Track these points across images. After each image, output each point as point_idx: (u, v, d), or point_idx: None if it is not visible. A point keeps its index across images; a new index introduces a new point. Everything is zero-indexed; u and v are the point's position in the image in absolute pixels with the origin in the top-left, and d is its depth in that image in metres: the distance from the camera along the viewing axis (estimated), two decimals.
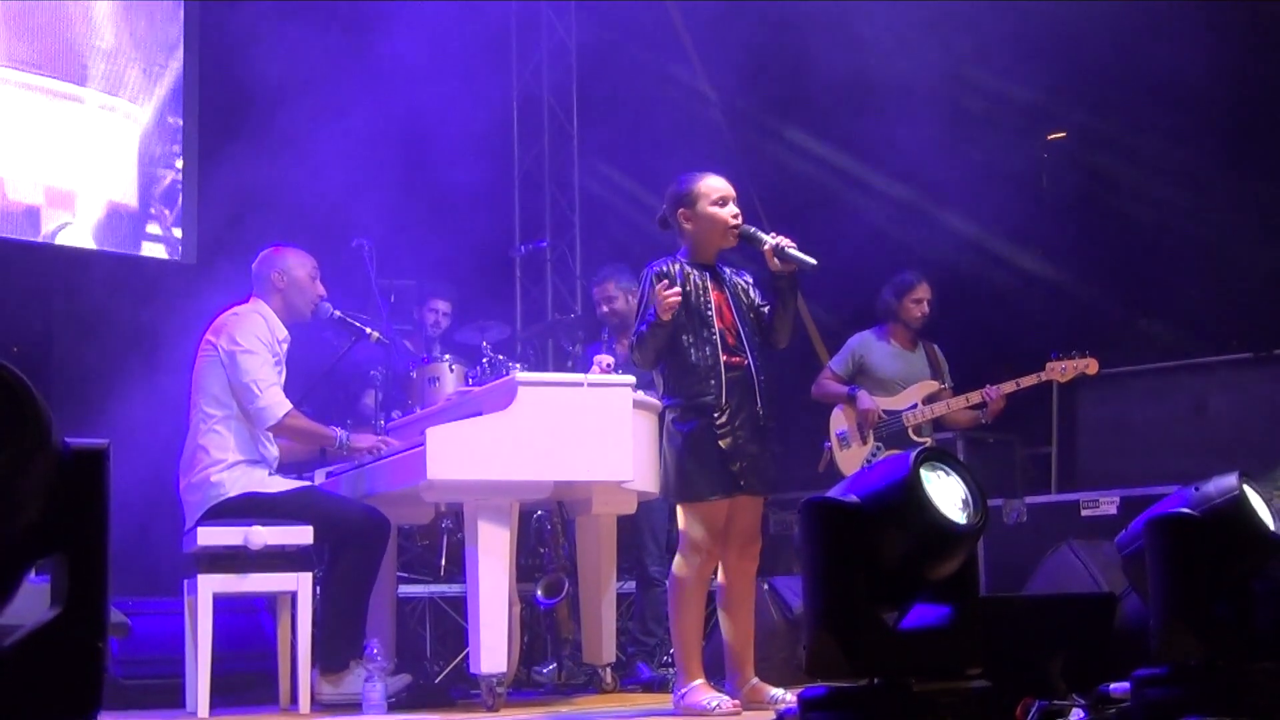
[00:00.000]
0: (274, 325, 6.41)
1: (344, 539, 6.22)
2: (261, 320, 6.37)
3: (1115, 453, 8.47)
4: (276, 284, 6.48)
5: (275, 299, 6.48)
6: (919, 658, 3.14)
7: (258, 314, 6.39)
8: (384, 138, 9.04)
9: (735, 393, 5.42)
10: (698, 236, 5.58)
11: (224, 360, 6.25)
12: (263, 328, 6.34)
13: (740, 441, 5.40)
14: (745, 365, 5.48)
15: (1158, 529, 3.61)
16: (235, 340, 6.26)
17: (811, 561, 3.11)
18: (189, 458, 6.29)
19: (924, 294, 7.86)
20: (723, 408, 5.39)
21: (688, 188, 5.59)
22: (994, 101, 9.52)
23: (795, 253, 5.40)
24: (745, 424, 5.43)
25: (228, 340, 6.26)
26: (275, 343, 6.37)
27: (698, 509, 5.42)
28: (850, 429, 7.83)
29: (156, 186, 9.06)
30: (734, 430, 5.39)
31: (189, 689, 6.19)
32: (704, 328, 5.46)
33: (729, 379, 5.42)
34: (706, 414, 5.39)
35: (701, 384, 5.42)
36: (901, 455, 3.18)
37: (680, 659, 5.46)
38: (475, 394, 6.42)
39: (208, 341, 6.33)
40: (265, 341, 6.31)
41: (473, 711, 5.87)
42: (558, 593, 7.37)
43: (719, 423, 5.38)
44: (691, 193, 5.58)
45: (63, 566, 2.16)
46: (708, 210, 5.55)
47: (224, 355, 6.25)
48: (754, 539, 5.58)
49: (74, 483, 2.15)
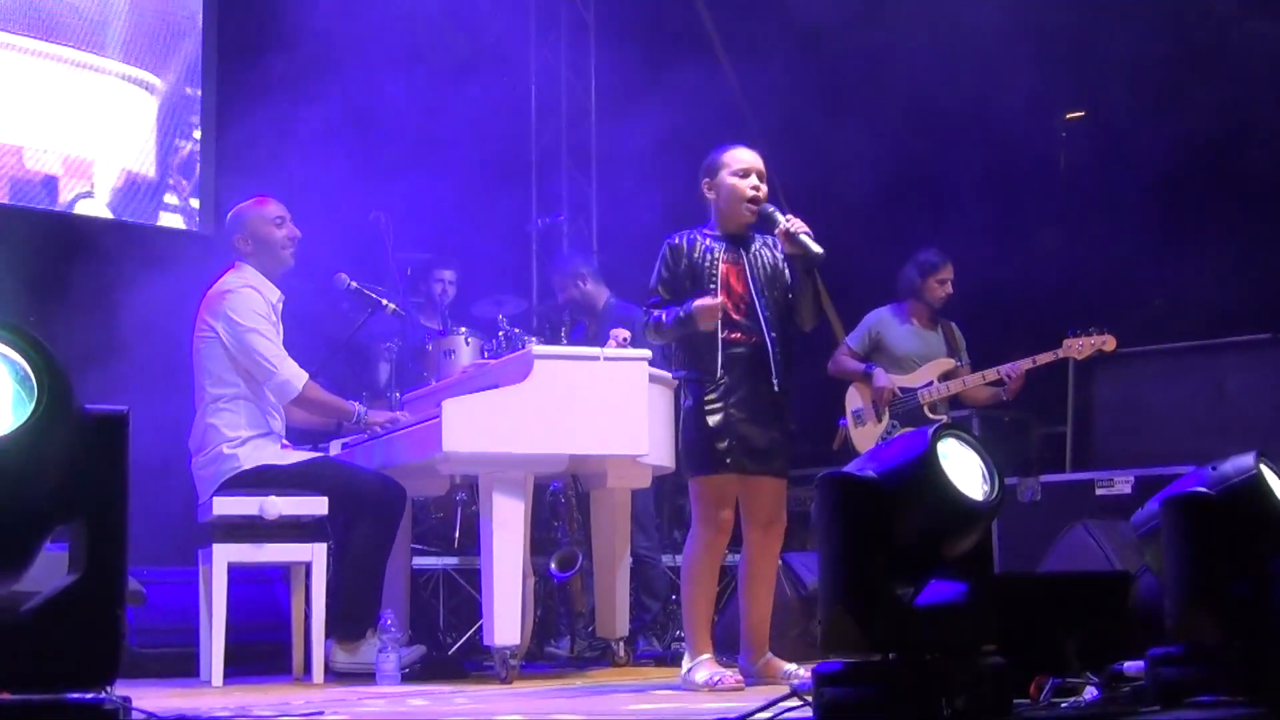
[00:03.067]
0: (266, 290, 6.38)
1: (359, 509, 6.24)
2: (254, 292, 6.34)
3: (1131, 432, 8.45)
4: (245, 247, 6.46)
5: (253, 259, 6.45)
6: (934, 634, 3.14)
7: (248, 286, 6.35)
8: (403, 111, 9.03)
9: (735, 368, 5.38)
10: (719, 206, 5.56)
11: (228, 343, 6.24)
12: (257, 299, 6.32)
13: (732, 419, 5.34)
14: (753, 341, 5.42)
15: (1174, 508, 3.61)
16: (237, 321, 6.24)
17: (828, 536, 3.11)
18: (199, 436, 6.31)
19: (948, 274, 7.87)
20: (716, 383, 5.35)
21: (714, 157, 5.59)
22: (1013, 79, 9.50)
23: (803, 239, 5.38)
24: (744, 401, 5.37)
25: (227, 323, 6.24)
26: (271, 309, 6.36)
27: (697, 483, 5.44)
28: (865, 406, 7.83)
29: (174, 157, 9.06)
30: (725, 407, 5.34)
31: (203, 658, 6.22)
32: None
33: (727, 355, 5.38)
34: (703, 389, 5.38)
35: (699, 358, 5.41)
36: (919, 431, 3.17)
37: (689, 633, 5.47)
38: (491, 367, 6.42)
39: (204, 323, 6.31)
40: (263, 313, 6.30)
41: (486, 683, 5.88)
42: (572, 566, 7.38)
43: (708, 398, 5.35)
44: (716, 162, 5.57)
45: (82, 532, 2.17)
46: (728, 180, 5.52)
47: (227, 338, 6.24)
48: (776, 518, 5.55)
49: (94, 448, 2.15)
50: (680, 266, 5.47)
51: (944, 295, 7.86)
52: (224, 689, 5.78)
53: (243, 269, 6.45)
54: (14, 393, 2.05)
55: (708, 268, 5.45)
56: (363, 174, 8.79)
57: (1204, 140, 8.74)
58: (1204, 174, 8.85)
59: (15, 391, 2.05)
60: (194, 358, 6.35)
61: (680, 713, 4.10)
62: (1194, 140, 8.75)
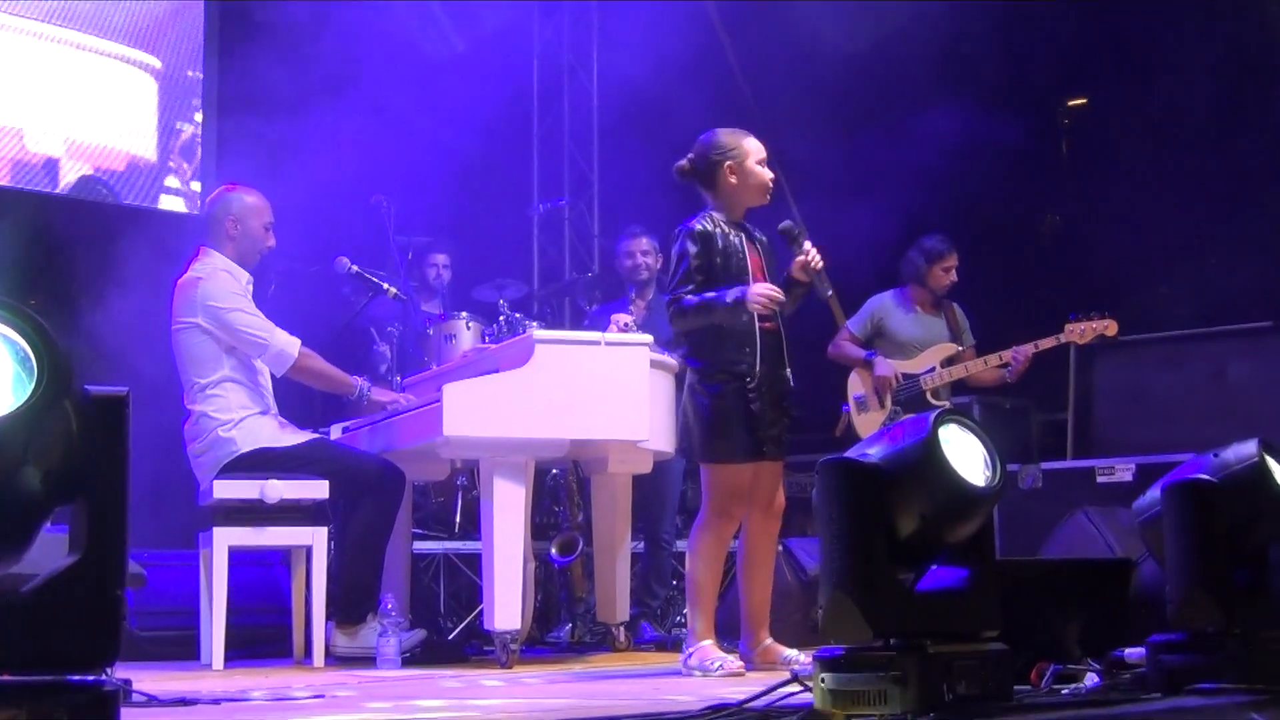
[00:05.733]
0: (236, 273, 6.36)
1: (360, 491, 6.24)
2: (227, 276, 6.31)
3: (1132, 420, 8.44)
4: (230, 231, 6.42)
5: (228, 246, 6.41)
6: (935, 620, 3.14)
7: (220, 271, 6.32)
8: (404, 94, 9.02)
9: (768, 356, 5.41)
10: (736, 192, 5.52)
11: (210, 330, 6.20)
12: (230, 282, 6.30)
13: (767, 407, 5.38)
14: (778, 329, 5.47)
15: (1176, 495, 3.60)
16: (216, 306, 6.21)
17: (829, 521, 3.10)
18: (192, 425, 6.30)
19: (954, 262, 7.85)
20: (757, 374, 5.37)
21: (734, 141, 5.53)
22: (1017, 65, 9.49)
23: (819, 276, 5.42)
24: (772, 389, 5.42)
25: (205, 311, 6.21)
26: (245, 289, 6.34)
27: (723, 471, 5.40)
28: (868, 393, 7.82)
29: (175, 140, 9.05)
30: (762, 395, 5.37)
31: (204, 641, 6.23)
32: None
33: (764, 343, 5.39)
34: (739, 379, 5.36)
35: (738, 349, 5.38)
36: (921, 416, 3.17)
37: (692, 617, 5.47)
38: (492, 351, 6.42)
39: (178, 316, 6.27)
40: (239, 293, 6.29)
41: (486, 668, 5.89)
42: (572, 551, 7.38)
43: (750, 388, 5.35)
44: (740, 147, 5.52)
45: (82, 513, 2.16)
46: (754, 167, 5.51)
47: (210, 324, 6.21)
48: (776, 500, 5.58)
49: (95, 429, 2.15)
50: (714, 254, 5.42)
51: (948, 283, 7.84)
52: (224, 672, 5.78)
53: (210, 255, 6.38)
54: (14, 373, 2.05)
55: (740, 259, 5.45)
56: (364, 157, 8.78)
57: (1207, 127, 8.74)
58: (1206, 161, 8.84)
59: (15, 372, 2.05)
60: (174, 351, 6.31)
61: (678, 698, 4.10)
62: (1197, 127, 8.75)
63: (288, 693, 4.61)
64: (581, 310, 9.29)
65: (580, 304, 9.56)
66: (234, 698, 4.43)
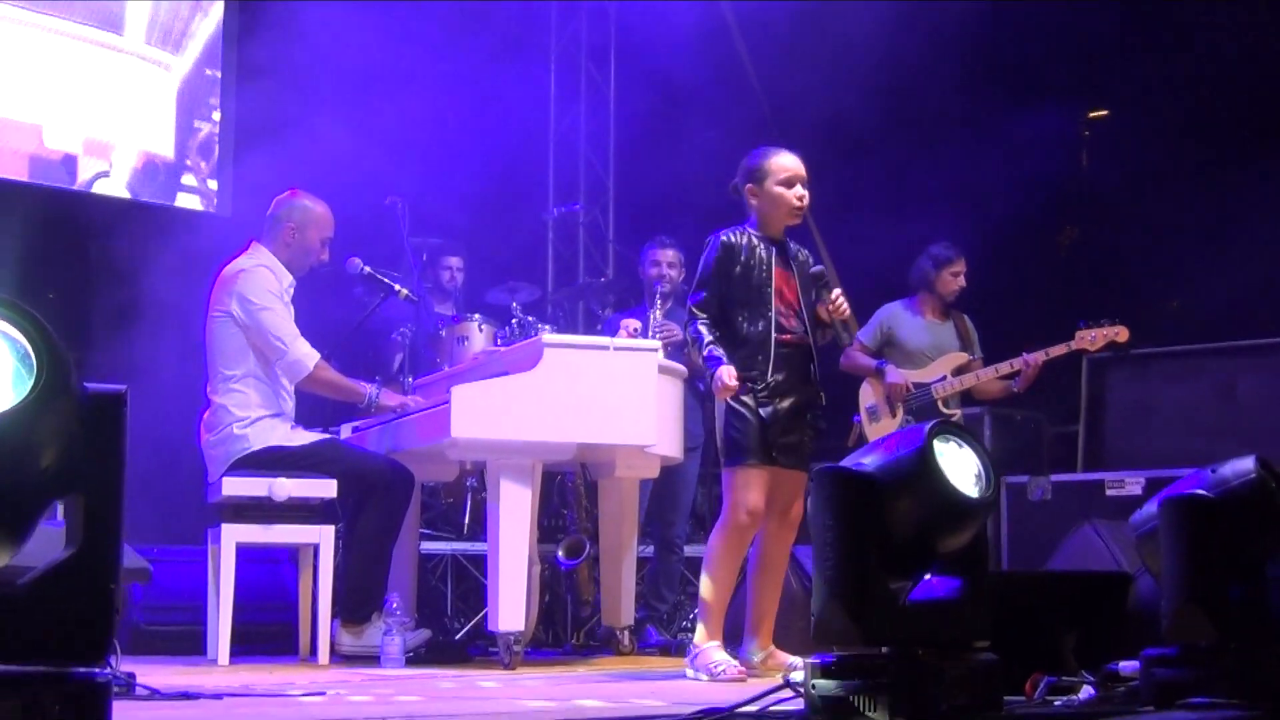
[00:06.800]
0: (280, 273, 6.42)
1: (368, 492, 6.28)
2: (269, 273, 6.38)
3: (1142, 434, 8.45)
4: (287, 238, 6.49)
5: (281, 249, 6.48)
6: (927, 629, 3.16)
7: (263, 267, 6.39)
8: (422, 97, 9.05)
9: (785, 368, 5.50)
10: (762, 212, 5.66)
11: (241, 321, 6.27)
12: (271, 280, 6.36)
13: (781, 415, 5.46)
14: (804, 343, 5.57)
15: (1172, 509, 3.61)
16: (250, 300, 6.27)
17: (823, 529, 3.13)
18: (211, 416, 6.34)
19: (961, 267, 7.86)
20: (768, 381, 5.46)
21: (758, 163, 5.67)
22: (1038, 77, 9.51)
23: (841, 325, 5.54)
24: (792, 399, 5.50)
25: (240, 301, 6.28)
26: (284, 291, 6.40)
27: (736, 474, 5.49)
28: (879, 403, 7.83)
29: (193, 138, 9.11)
30: (775, 403, 5.46)
31: (210, 637, 6.26)
32: (761, 303, 5.54)
33: (779, 354, 5.50)
34: (751, 384, 5.46)
35: (750, 357, 5.50)
36: (915, 427, 3.19)
37: (702, 618, 5.53)
38: (501, 354, 6.44)
39: (217, 303, 6.34)
40: (276, 293, 6.34)
41: (489, 668, 5.91)
42: (579, 554, 7.41)
43: (760, 394, 5.45)
44: (760, 168, 5.65)
45: (78, 507, 2.20)
46: (773, 190, 5.61)
47: (241, 316, 6.27)
48: (793, 509, 5.64)
49: (92, 426, 2.18)
50: (734, 267, 5.56)
51: (956, 288, 7.85)
52: (230, 668, 5.82)
53: (258, 250, 6.48)
54: (14, 370, 2.09)
55: (763, 274, 5.55)
56: (380, 158, 8.82)
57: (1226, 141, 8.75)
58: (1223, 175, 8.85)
59: (15, 369, 2.09)
60: (206, 338, 6.38)
61: (672, 701, 4.12)
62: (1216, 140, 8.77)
63: (290, 689, 4.65)
64: (596, 315, 9.33)
65: (594, 309, 9.59)
66: (235, 692, 4.47)
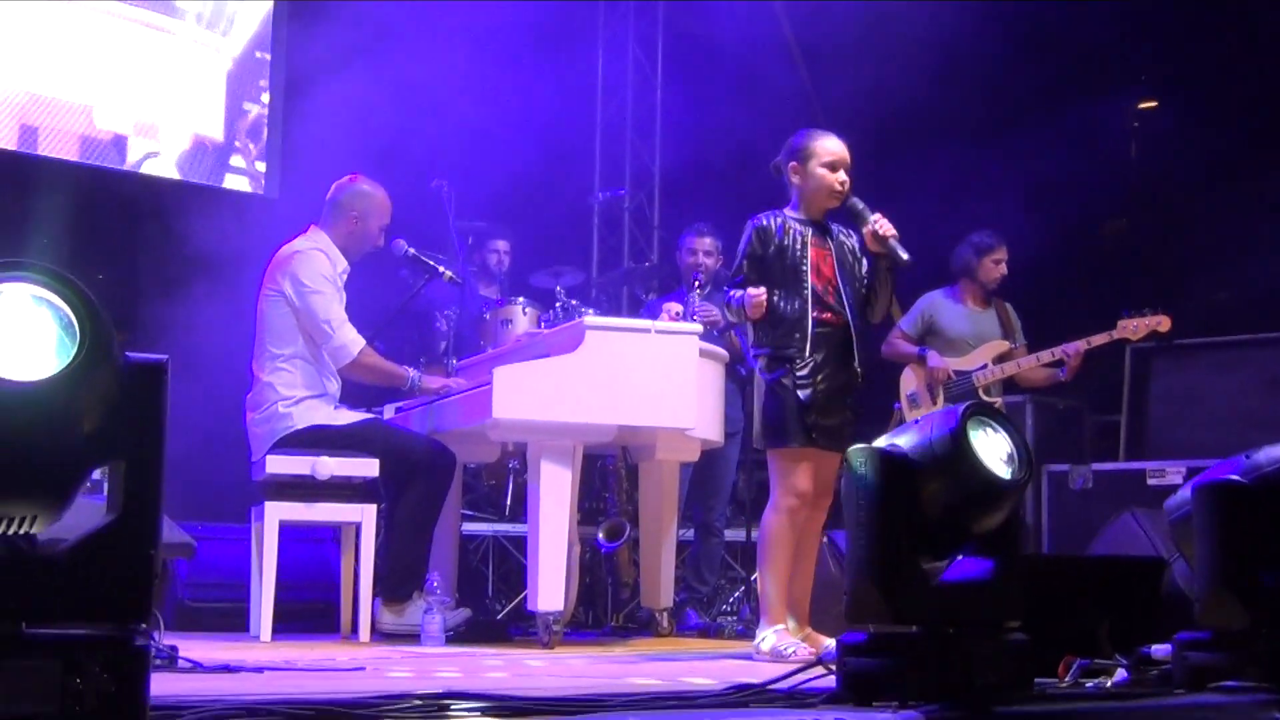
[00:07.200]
0: (335, 258, 6.48)
1: (411, 472, 6.32)
2: (324, 257, 6.43)
3: (1185, 424, 8.44)
4: (347, 225, 6.55)
5: (339, 235, 6.54)
6: (959, 608, 3.18)
7: (318, 250, 6.44)
8: (470, 82, 9.09)
9: (823, 348, 5.51)
10: (804, 193, 5.68)
11: (292, 302, 6.34)
12: (325, 264, 6.41)
13: (819, 396, 5.47)
14: (843, 323, 5.56)
15: (1206, 495, 3.62)
16: (301, 282, 6.33)
17: (856, 509, 3.15)
18: (256, 394, 6.40)
19: (1003, 255, 7.86)
20: (805, 360, 5.48)
21: (803, 143, 5.69)
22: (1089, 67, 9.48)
23: (892, 243, 5.49)
24: (830, 380, 5.51)
25: (293, 282, 6.34)
26: (337, 276, 6.46)
27: (779, 456, 5.54)
28: (920, 390, 7.84)
29: (242, 121, 9.18)
30: (814, 384, 5.47)
31: (252, 614, 6.32)
32: (797, 282, 5.55)
33: (817, 334, 5.51)
34: (789, 364, 5.49)
35: (787, 336, 5.52)
36: (950, 409, 3.20)
37: (765, 602, 5.56)
38: (543, 336, 6.49)
39: (271, 281, 6.41)
40: (329, 277, 6.39)
41: (529, 648, 5.95)
42: (619, 537, 7.45)
43: (799, 374, 5.47)
44: (805, 149, 5.67)
45: (120, 474, 2.24)
46: (816, 171, 5.63)
47: (292, 297, 6.34)
48: (826, 492, 5.64)
49: (134, 395, 2.22)
50: (769, 248, 5.59)
51: (998, 276, 7.85)
52: (272, 644, 5.88)
53: (316, 234, 6.54)
54: (58, 338, 2.13)
55: (798, 252, 5.57)
56: (428, 142, 8.87)
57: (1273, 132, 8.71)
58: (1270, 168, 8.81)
59: (59, 336, 2.13)
60: (257, 315, 6.45)
61: (717, 680, 4.15)
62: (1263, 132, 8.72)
63: (331, 665, 4.70)
64: (639, 300, 9.36)
65: (638, 293, 9.63)
66: (277, 667, 4.52)
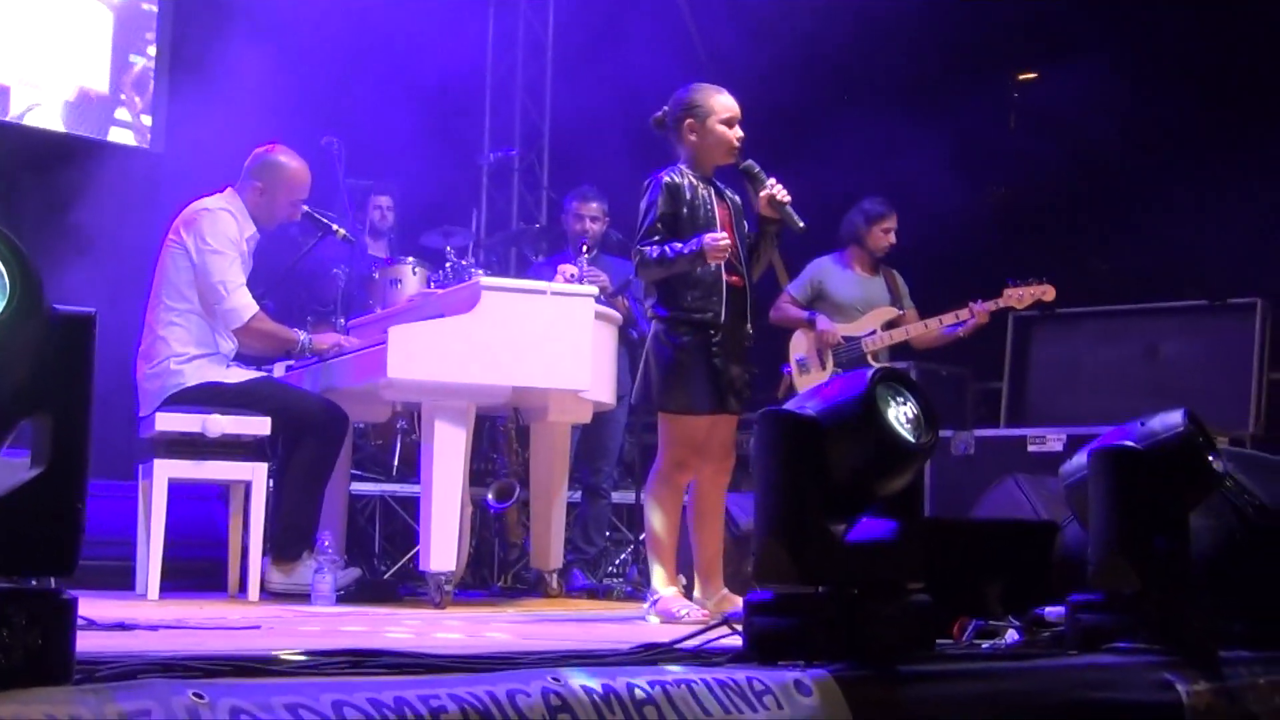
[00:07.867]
0: (244, 223, 6.41)
1: (302, 430, 6.28)
2: (231, 219, 6.36)
3: (1065, 391, 8.60)
4: (259, 194, 6.47)
5: (251, 202, 6.46)
6: (864, 569, 3.21)
7: (227, 211, 6.37)
8: (360, 36, 9.02)
9: (730, 311, 5.44)
10: (700, 150, 5.56)
11: (192, 258, 6.26)
12: (232, 226, 6.34)
13: (728, 361, 5.43)
14: (744, 284, 5.52)
15: (1101, 460, 3.69)
16: (204, 239, 6.26)
17: (765, 471, 3.17)
18: (148, 347, 6.32)
19: (892, 223, 7.92)
20: (720, 326, 5.41)
21: (700, 99, 5.55)
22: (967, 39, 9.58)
23: (789, 209, 5.46)
24: (733, 343, 5.46)
25: (196, 238, 6.27)
26: (243, 240, 6.39)
27: (682, 422, 5.46)
28: (809, 355, 7.90)
29: (128, 73, 9.04)
30: (725, 350, 5.42)
31: (139, 571, 6.26)
32: None
33: (728, 297, 5.44)
34: (703, 330, 5.41)
35: (704, 299, 5.42)
36: (859, 372, 3.23)
37: (656, 565, 5.52)
38: (437, 296, 6.47)
39: (175, 234, 6.33)
40: (233, 239, 6.32)
41: (419, 607, 5.95)
42: (509, 498, 7.45)
43: (714, 340, 5.40)
44: (704, 105, 5.54)
45: (46, 427, 2.22)
46: (716, 127, 5.52)
47: (193, 252, 6.26)
48: (729, 454, 5.62)
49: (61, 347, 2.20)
50: (680, 206, 5.46)
51: (887, 244, 7.92)
52: (159, 602, 5.81)
53: (231, 196, 6.45)
54: None
55: (710, 210, 5.49)
56: (317, 98, 8.78)
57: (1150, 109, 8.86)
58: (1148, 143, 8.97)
59: None
60: (157, 266, 6.36)
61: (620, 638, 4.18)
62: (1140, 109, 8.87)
63: (224, 622, 4.67)
64: (528, 260, 9.36)
65: (526, 254, 9.63)
66: (170, 625, 4.48)
